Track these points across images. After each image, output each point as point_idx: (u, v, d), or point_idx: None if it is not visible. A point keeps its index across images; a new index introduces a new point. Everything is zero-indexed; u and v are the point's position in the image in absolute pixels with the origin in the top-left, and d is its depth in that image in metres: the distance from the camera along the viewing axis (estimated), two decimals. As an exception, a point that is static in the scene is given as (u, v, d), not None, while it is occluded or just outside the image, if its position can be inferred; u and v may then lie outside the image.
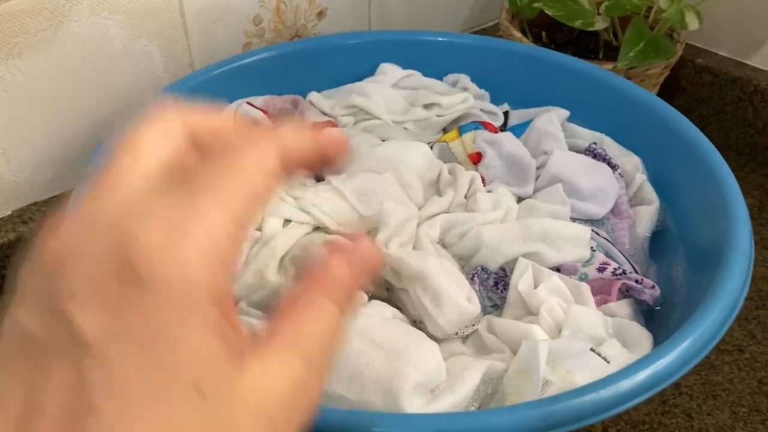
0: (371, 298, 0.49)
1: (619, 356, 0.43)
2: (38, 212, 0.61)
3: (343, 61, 0.68)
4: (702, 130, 0.58)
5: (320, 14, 0.74)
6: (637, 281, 0.49)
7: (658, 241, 0.57)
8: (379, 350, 0.41)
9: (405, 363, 0.40)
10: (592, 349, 0.42)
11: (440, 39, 0.70)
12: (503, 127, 0.65)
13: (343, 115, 0.64)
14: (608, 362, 0.42)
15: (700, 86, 0.84)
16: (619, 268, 0.50)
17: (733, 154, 0.82)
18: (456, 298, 0.46)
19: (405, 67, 0.69)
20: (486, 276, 0.51)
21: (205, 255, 0.19)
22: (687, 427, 0.54)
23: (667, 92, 0.81)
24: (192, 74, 0.64)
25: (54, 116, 0.60)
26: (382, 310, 0.46)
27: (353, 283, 0.23)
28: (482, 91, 0.67)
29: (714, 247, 0.48)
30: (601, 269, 0.50)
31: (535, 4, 0.73)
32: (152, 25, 0.63)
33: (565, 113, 0.63)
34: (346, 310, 0.23)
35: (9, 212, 0.61)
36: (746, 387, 0.57)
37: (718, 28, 0.82)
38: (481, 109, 0.65)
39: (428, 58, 0.69)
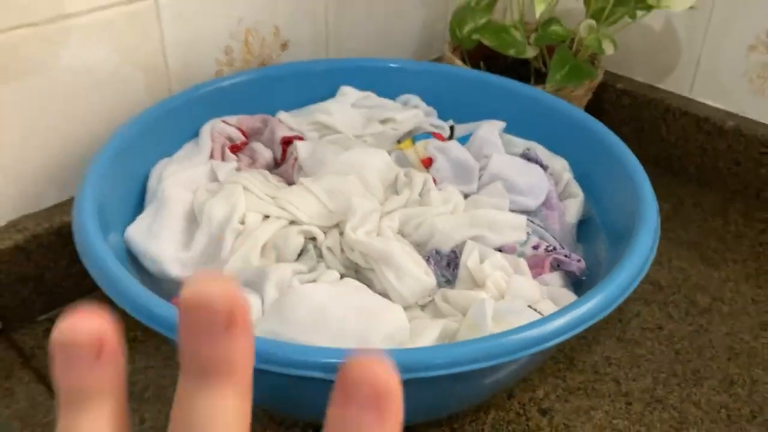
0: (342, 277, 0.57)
1: (552, 311, 0.51)
2: (31, 223, 0.67)
3: (308, 84, 0.77)
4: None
5: (283, 46, 0.83)
6: (565, 255, 0.58)
7: (584, 228, 0.67)
8: (353, 308, 0.48)
9: (376, 319, 0.48)
10: (530, 306, 0.51)
11: (392, 65, 0.79)
12: (449, 139, 0.74)
13: (309, 131, 0.72)
14: (543, 315, 0.50)
15: (620, 108, 0.95)
16: (550, 246, 0.59)
17: (650, 166, 0.91)
18: (416, 272, 0.55)
19: (361, 89, 0.78)
20: (439, 258, 0.59)
21: None
22: (616, 391, 0.63)
23: (591, 114, 0.92)
24: (171, 98, 0.71)
25: (47, 135, 0.67)
26: (353, 283, 0.54)
27: None
28: (430, 109, 0.77)
29: (628, 225, 0.57)
30: (535, 248, 0.59)
31: (474, 36, 0.84)
32: (137, 53, 0.70)
33: (502, 124, 0.72)
34: None
35: (4, 223, 0.67)
36: (665, 357, 0.66)
37: (633, 57, 0.94)
38: (431, 124, 0.74)
39: (382, 81, 0.78)
